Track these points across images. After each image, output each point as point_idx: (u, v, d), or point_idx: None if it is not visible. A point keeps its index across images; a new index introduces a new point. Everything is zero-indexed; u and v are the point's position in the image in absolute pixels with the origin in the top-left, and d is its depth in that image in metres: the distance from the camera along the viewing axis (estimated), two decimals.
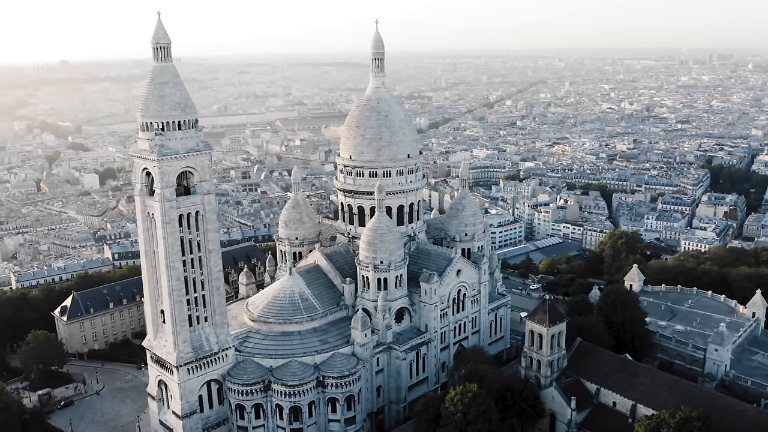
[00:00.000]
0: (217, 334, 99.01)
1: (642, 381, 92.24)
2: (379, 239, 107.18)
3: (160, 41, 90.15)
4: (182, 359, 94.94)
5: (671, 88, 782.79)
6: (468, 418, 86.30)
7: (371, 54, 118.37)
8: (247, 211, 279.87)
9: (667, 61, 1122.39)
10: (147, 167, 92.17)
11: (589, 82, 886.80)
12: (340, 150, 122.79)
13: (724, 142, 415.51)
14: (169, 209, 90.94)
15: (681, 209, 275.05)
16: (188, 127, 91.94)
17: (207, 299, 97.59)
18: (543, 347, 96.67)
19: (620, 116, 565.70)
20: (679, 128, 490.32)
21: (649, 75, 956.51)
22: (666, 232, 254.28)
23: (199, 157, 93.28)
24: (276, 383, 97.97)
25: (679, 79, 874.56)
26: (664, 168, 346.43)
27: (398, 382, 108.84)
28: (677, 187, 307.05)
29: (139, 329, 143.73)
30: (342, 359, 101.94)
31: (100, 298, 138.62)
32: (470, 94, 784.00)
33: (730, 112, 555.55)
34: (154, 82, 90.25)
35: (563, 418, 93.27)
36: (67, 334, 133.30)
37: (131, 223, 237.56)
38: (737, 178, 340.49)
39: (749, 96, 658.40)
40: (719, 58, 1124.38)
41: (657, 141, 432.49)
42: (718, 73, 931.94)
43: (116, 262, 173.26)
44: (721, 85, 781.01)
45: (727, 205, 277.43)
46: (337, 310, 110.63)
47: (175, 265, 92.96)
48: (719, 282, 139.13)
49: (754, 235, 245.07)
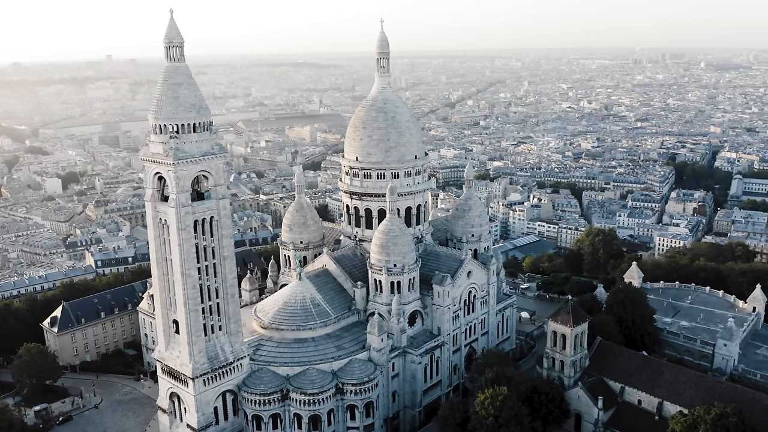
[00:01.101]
0: (231, 343, 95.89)
1: (667, 378, 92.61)
2: (392, 242, 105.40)
3: (174, 40, 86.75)
4: (198, 370, 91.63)
5: (627, 86, 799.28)
6: (500, 422, 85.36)
7: (376, 53, 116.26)
8: None
9: (621, 61, 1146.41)
10: (160, 172, 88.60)
11: (546, 81, 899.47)
12: (344, 152, 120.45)
13: (685, 139, 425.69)
14: (185, 215, 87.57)
15: (651, 206, 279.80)
16: (203, 129, 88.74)
17: (221, 307, 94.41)
18: (566, 347, 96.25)
19: (580, 115, 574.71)
20: (639, 126, 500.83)
21: (604, 74, 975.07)
22: (639, 229, 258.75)
23: (215, 160, 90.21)
24: (295, 392, 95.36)
25: (635, 77, 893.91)
26: (630, 166, 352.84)
27: (413, 387, 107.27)
28: (644, 184, 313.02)
29: (131, 339, 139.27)
30: (360, 365, 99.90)
31: (90, 308, 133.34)
32: (431, 94, 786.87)
33: (687, 110, 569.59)
34: (168, 83, 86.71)
35: (590, 418, 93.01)
36: (58, 346, 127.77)
37: (101, 229, 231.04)
38: (701, 174, 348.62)
39: (704, 94, 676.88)
40: (672, 57, 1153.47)
41: (619, 139, 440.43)
42: (671, 71, 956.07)
43: (99, 269, 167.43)
44: (675, 84, 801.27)
45: (696, 201, 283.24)
46: (349, 315, 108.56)
47: (190, 273, 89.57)
48: (714, 278, 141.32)
49: (725, 230, 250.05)
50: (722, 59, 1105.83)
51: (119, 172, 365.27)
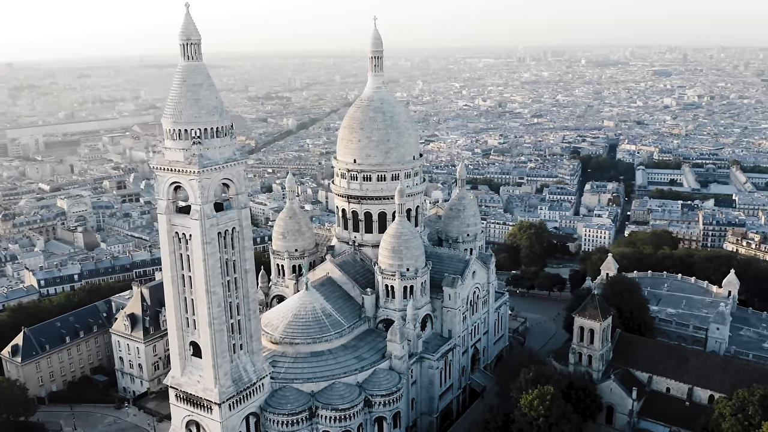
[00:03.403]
0: (253, 363, 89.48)
1: (693, 364, 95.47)
2: (404, 245, 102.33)
3: (192, 37, 79.42)
4: (225, 395, 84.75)
5: (516, 84, 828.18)
6: (550, 421, 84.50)
7: (370, 52, 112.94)
8: (138, 224, 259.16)
9: (506, 59, 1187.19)
10: (178, 181, 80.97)
11: (439, 80, 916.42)
12: (338, 154, 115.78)
13: (583, 133, 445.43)
14: (210, 227, 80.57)
15: (567, 198, 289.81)
16: (225, 133, 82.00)
17: (242, 324, 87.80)
18: (595, 342, 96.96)
19: (478, 113, 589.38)
20: (536, 122, 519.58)
21: (492, 72, 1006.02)
22: (562, 221, 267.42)
23: (237, 167, 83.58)
24: (325, 408, 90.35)
25: (522, 75, 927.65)
26: (539, 160, 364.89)
27: (431, 392, 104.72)
28: (557, 177, 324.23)
29: (97, 363, 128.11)
30: (386, 375, 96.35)
31: (54, 333, 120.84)
32: (328, 93, 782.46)
33: (577, 106, 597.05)
34: (187, 84, 79.27)
35: (623, 410, 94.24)
36: (23, 376, 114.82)
37: (12, 244, 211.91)
38: (605, 166, 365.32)
39: (590, 90, 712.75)
40: (553, 55, 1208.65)
41: (521, 135, 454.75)
42: (555, 68, 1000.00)
43: (43, 289, 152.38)
44: (561, 80, 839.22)
45: (610, 192, 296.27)
46: (361, 324, 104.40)
47: (215, 290, 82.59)
48: (680, 265, 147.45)
49: (643, 219, 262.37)
50: (601, 56, 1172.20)
51: (15, 183, 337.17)
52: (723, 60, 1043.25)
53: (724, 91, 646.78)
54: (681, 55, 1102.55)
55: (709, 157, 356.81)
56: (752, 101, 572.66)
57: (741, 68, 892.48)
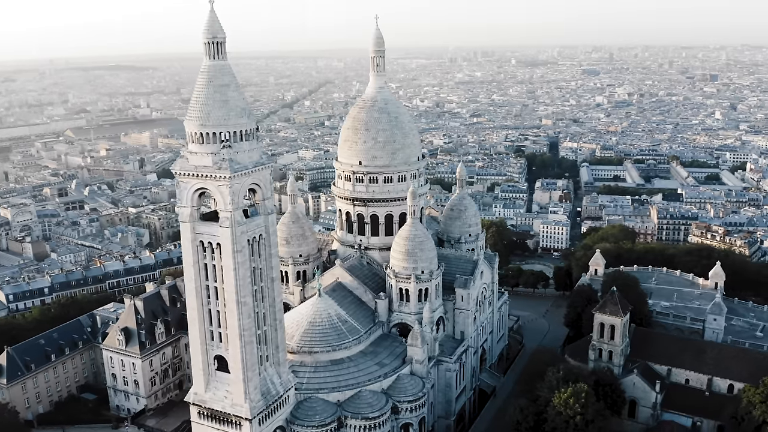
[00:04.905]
0: (279, 374, 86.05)
1: (710, 355, 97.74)
2: (419, 248, 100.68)
3: (218, 35, 75.67)
4: (255, 409, 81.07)
5: (451, 84, 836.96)
6: (587, 418, 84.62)
7: (371, 52, 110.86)
8: (88, 232, 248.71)
9: (438, 60, 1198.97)
10: (204, 187, 76.84)
11: None
12: (340, 156, 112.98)
13: (524, 132, 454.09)
14: (240, 235, 76.82)
15: (519, 196, 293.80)
16: (252, 136, 78.38)
17: (269, 335, 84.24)
18: (616, 337, 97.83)
19: (418, 113, 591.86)
20: (475, 121, 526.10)
21: (426, 73, 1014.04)
22: (517, 219, 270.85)
23: (264, 171, 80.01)
24: (354, 417, 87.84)
25: (455, 76, 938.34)
26: (486, 159, 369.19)
27: (448, 396, 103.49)
28: (506, 176, 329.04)
29: (84, 381, 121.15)
30: (409, 381, 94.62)
31: (38, 351, 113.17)
32: (263, 95, 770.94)
33: (512, 105, 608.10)
34: (214, 84, 75.29)
35: (646, 403, 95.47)
36: (9, 399, 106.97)
37: None
38: (549, 164, 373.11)
39: (523, 89, 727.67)
40: (483, 55, 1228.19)
41: (464, 134, 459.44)
42: (486, 69, 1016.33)
43: (12, 305, 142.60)
44: (494, 80, 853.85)
45: (560, 189, 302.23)
46: (376, 329, 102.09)
47: (245, 301, 78.87)
48: (661, 259, 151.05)
49: (595, 215, 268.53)
50: (529, 56, 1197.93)
51: None
52: (647, 59, 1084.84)
53: (652, 89, 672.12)
54: (607, 54, 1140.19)
55: (649, 153, 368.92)
56: (680, 98, 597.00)
57: (666, 66, 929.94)
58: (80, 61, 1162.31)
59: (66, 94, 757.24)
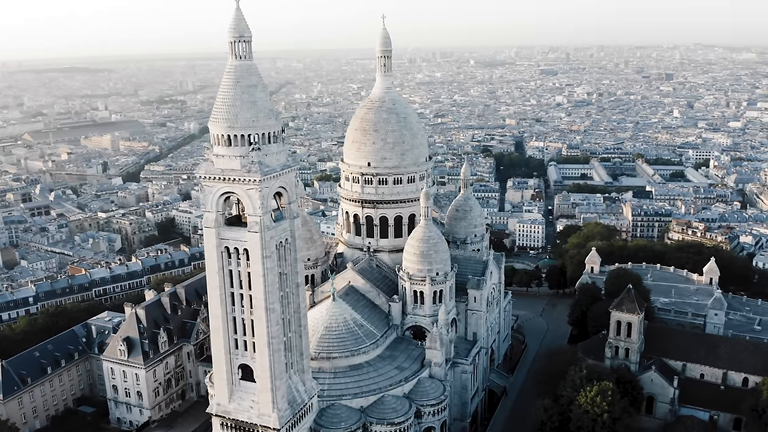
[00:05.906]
0: (303, 382, 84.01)
1: (724, 350, 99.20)
2: (433, 249, 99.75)
3: (244, 34, 73.19)
4: (284, 419, 78.87)
5: (411, 85, 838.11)
6: (613, 416, 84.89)
7: (378, 52, 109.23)
8: (57, 239, 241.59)
9: (397, 60, 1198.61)
10: (230, 191, 74.45)
11: (335, 82, 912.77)
12: (347, 157, 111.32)
13: (490, 132, 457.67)
14: (270, 240, 74.67)
15: (492, 196, 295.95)
16: (278, 139, 76.33)
17: (293, 342, 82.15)
18: (632, 335, 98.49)
19: None
20: (440, 122, 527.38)
21: None
22: (491, 218, 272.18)
23: (290, 174, 77.98)
24: (380, 423, 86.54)
25: (415, 76, 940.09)
26: (456, 159, 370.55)
27: (463, 397, 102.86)
28: (476, 175, 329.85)
29: (80, 394, 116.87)
30: (430, 384, 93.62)
31: (33, 364, 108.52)
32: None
33: (474, 105, 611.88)
34: (241, 85, 72.91)
35: (664, 399, 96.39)
36: (6, 414, 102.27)
37: None
38: (517, 163, 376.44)
39: (484, 89, 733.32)
40: (442, 56, 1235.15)
41: (430, 135, 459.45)
42: (446, 69, 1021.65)
43: None
44: (454, 81, 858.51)
45: (531, 188, 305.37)
46: (391, 332, 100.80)
47: (274, 307, 76.63)
48: (652, 255, 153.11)
49: (568, 213, 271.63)
50: (487, 56, 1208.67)
51: None
52: (603, 58, 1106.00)
53: (610, 88, 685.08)
54: (564, 55, 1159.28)
55: (614, 152, 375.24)
56: (638, 97, 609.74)
57: (621, 66, 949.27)
58: (33, 63, 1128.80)
59: (21, 97, 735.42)
